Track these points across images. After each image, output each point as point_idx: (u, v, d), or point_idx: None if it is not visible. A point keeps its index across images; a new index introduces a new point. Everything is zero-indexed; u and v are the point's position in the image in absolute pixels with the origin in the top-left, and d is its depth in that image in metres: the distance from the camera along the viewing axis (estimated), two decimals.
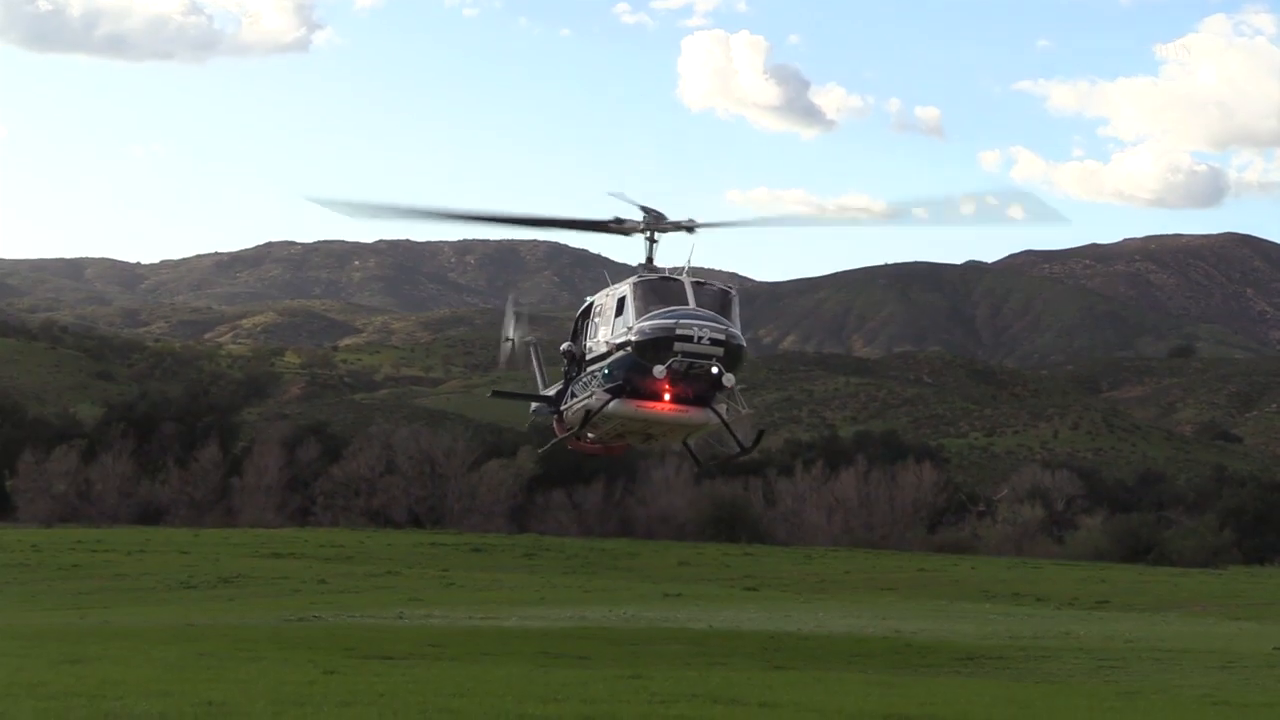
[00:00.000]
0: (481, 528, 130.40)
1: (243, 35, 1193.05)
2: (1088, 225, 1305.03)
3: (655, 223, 40.01)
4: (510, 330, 50.76)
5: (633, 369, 36.93)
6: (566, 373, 41.33)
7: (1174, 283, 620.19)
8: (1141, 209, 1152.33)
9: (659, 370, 35.67)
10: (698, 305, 36.63)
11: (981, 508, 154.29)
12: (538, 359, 49.48)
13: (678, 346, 35.57)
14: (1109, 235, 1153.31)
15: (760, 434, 41.98)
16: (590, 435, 40.68)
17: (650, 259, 39.98)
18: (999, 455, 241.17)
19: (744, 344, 36.88)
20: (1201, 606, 76.67)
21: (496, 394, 50.34)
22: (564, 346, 40.66)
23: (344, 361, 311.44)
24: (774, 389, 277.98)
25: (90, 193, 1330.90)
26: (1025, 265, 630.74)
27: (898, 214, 46.61)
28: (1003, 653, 38.58)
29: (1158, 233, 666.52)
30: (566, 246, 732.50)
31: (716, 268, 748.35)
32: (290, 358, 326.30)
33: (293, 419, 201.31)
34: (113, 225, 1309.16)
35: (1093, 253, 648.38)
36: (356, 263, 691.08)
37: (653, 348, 36.06)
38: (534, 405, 49.63)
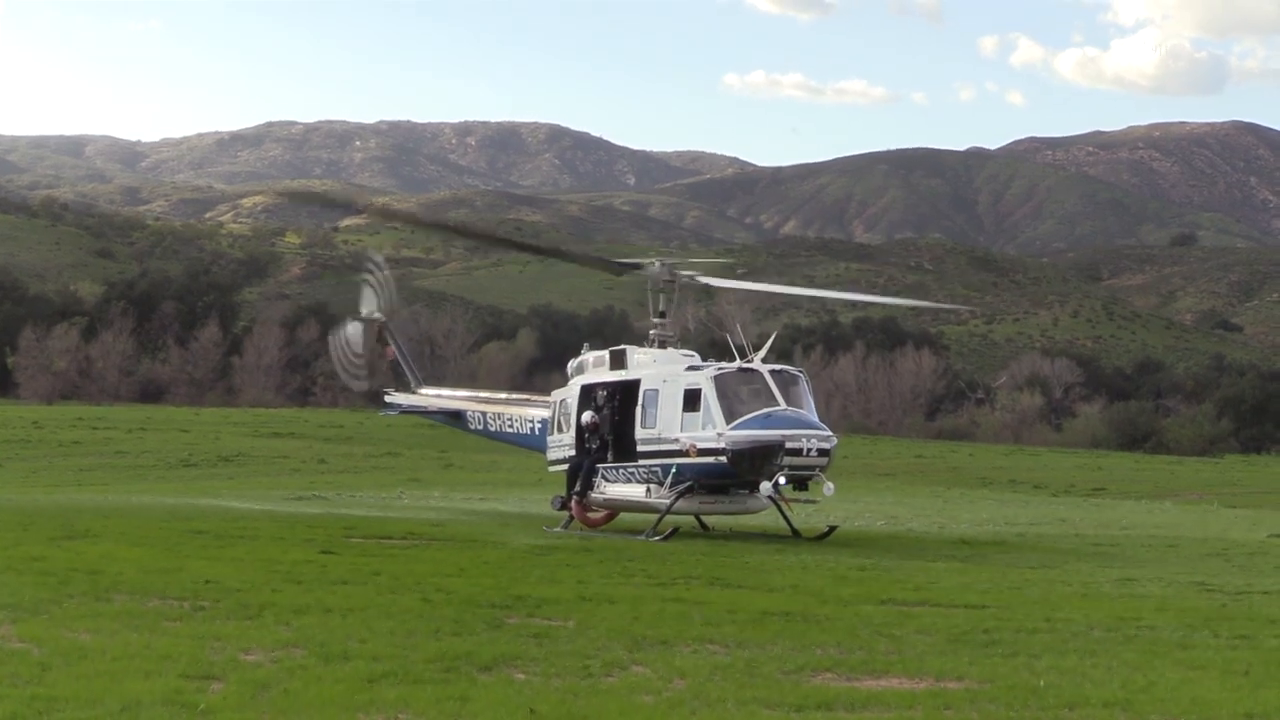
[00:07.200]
0: None
1: None
2: (1090, 112, 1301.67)
3: (672, 276, 38.14)
4: (374, 305, 46.54)
5: (724, 477, 34.58)
6: (583, 446, 37.38)
7: (1177, 171, 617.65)
8: (1143, 96, 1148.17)
9: (765, 487, 33.45)
10: (787, 402, 34.28)
11: (980, 395, 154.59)
12: (398, 345, 46.29)
13: (785, 460, 33.38)
14: (1112, 123, 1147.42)
15: (831, 530, 37.14)
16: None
17: (664, 312, 38.07)
18: (998, 343, 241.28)
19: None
20: (1197, 495, 76.97)
21: (404, 412, 46.77)
22: (586, 418, 37.02)
23: (344, 242, 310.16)
24: (774, 274, 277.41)
25: (91, 70, 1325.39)
26: (1028, 152, 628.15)
27: None
28: (999, 539, 38.74)
29: (1162, 120, 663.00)
30: (568, 129, 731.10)
31: (717, 152, 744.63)
32: (290, 238, 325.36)
33: (293, 299, 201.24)
34: (113, 102, 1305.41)
35: (1096, 140, 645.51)
36: (357, 143, 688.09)
37: (753, 459, 33.67)
38: (407, 407, 46.53)
